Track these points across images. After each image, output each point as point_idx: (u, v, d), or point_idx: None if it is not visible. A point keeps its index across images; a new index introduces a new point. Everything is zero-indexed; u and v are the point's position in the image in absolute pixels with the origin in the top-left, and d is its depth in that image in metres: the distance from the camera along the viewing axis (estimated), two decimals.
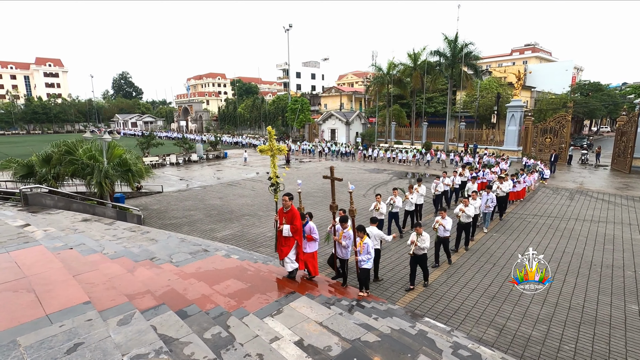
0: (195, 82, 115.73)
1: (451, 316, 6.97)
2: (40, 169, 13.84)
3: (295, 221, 6.92)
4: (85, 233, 9.13)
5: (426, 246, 7.69)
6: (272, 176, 7.85)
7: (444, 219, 8.80)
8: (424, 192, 12.52)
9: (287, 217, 6.94)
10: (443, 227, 8.77)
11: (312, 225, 7.36)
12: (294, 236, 6.94)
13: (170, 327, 4.12)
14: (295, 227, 6.93)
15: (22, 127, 79.64)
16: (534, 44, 73.76)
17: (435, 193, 13.94)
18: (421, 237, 7.67)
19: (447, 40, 33.73)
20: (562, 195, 17.76)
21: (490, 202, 11.82)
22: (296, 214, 6.96)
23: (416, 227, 7.87)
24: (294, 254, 7.11)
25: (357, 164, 30.26)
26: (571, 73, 57.25)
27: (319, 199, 16.86)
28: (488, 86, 40.57)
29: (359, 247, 7.14)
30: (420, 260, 7.89)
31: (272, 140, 7.64)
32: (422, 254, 7.80)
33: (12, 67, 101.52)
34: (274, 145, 7.62)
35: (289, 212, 6.93)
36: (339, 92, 60.15)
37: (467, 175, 16.02)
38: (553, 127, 29.31)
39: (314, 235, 7.31)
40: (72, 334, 3.62)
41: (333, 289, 6.92)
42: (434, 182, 14.07)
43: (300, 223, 7.03)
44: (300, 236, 7.05)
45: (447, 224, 8.80)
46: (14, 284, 4.74)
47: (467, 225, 10.13)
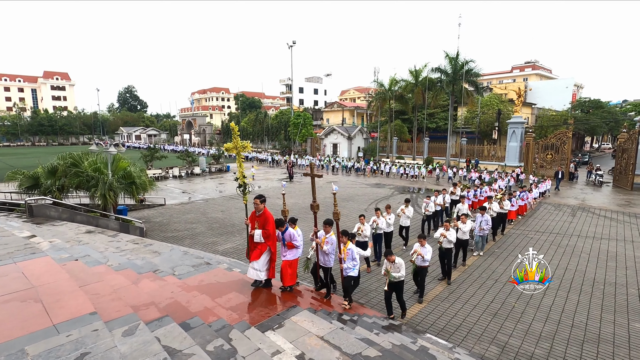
0: (200, 96, 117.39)
1: (453, 332, 6.95)
2: (46, 181, 14.01)
3: (267, 225, 6.39)
4: (89, 245, 9.22)
5: (401, 275, 6.84)
6: (238, 176, 7.34)
7: (423, 247, 7.76)
8: (411, 214, 11.56)
9: (259, 221, 6.46)
10: (421, 257, 7.71)
11: (293, 231, 6.82)
12: (266, 242, 6.41)
13: (174, 339, 4.17)
14: (268, 232, 6.38)
15: (28, 139, 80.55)
16: (534, 61, 74.84)
17: (426, 213, 12.82)
18: (394, 265, 6.81)
19: (448, 57, 34.36)
20: (564, 211, 17.76)
21: (485, 224, 10.89)
22: (269, 218, 6.45)
23: (387, 255, 6.94)
24: (266, 263, 6.56)
25: (359, 178, 30.38)
26: (571, 90, 57.85)
27: (320, 214, 16.92)
28: (489, 102, 41.05)
29: (342, 253, 6.67)
30: (397, 288, 7.00)
31: (236, 138, 7.20)
32: (397, 281, 6.90)
33: (20, 80, 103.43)
34: (238, 142, 7.17)
35: (261, 216, 6.46)
36: (341, 107, 60.84)
37: (459, 194, 15.07)
38: (554, 144, 29.49)
39: (294, 242, 6.76)
40: (79, 344, 3.68)
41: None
42: (424, 202, 12.89)
43: (273, 227, 6.49)
44: (274, 242, 6.54)
45: (426, 254, 7.72)
46: (22, 294, 4.82)
47: (449, 252, 9.02)
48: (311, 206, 7.00)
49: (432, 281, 9.25)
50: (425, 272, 8.10)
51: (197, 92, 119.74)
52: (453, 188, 15.69)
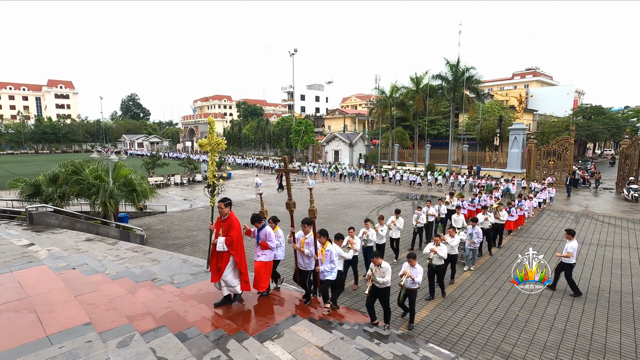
0: (202, 103, 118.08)
1: (456, 342, 6.81)
2: (47, 189, 14.01)
3: (231, 231, 5.74)
4: (88, 253, 9.15)
5: (386, 280, 6.44)
6: (208, 176, 6.71)
7: (413, 268, 6.93)
8: (402, 226, 10.88)
9: (223, 227, 5.82)
10: (411, 279, 6.88)
11: (270, 231, 6.27)
12: (229, 250, 5.77)
13: (169, 350, 4.08)
14: (231, 239, 5.72)
15: (31, 147, 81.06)
16: (535, 68, 75.00)
17: (417, 225, 11.96)
18: (380, 269, 6.43)
19: (449, 64, 34.50)
20: (567, 218, 17.59)
21: (476, 237, 10.17)
22: (233, 223, 5.83)
23: (373, 257, 6.54)
24: (235, 275, 5.92)
25: (360, 184, 30.31)
26: (573, 96, 57.86)
27: (322, 220, 16.82)
28: (490, 109, 41.08)
29: (320, 254, 6.23)
30: (381, 295, 6.58)
31: (212, 133, 6.59)
32: (382, 287, 6.51)
33: (24, 88, 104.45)
34: (213, 138, 6.54)
35: (226, 221, 5.84)
36: (343, 114, 61.05)
37: (455, 204, 14.26)
38: (556, 150, 29.39)
39: (269, 242, 6.18)
40: (72, 356, 3.60)
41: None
42: (415, 213, 11.98)
43: (237, 234, 5.82)
44: (238, 252, 5.87)
45: (416, 275, 6.89)
46: (16, 304, 4.74)
47: (440, 269, 8.31)
48: (287, 204, 6.46)
49: (419, 301, 8.07)
50: (415, 295, 7.24)
51: (200, 99, 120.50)
52: (449, 197, 14.83)
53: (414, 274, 6.89)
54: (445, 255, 8.27)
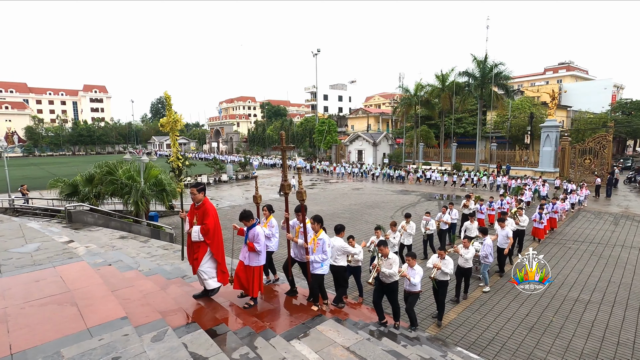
0: (227, 105, 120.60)
1: (485, 347, 6.62)
2: (84, 188, 14.77)
3: (206, 219, 5.29)
4: (122, 250, 9.57)
5: (393, 273, 6.16)
6: (172, 159, 6.14)
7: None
8: (413, 231, 10.07)
9: (198, 215, 5.41)
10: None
11: (259, 231, 5.60)
12: (205, 240, 5.34)
13: (200, 346, 4.20)
14: (206, 228, 5.27)
15: (69, 149, 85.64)
16: (569, 62, 71.65)
17: (427, 232, 10.91)
18: (387, 260, 6.19)
19: (476, 60, 33.51)
20: (605, 219, 16.69)
21: (487, 249, 8.75)
22: (208, 210, 5.36)
23: (380, 245, 6.32)
24: (212, 265, 5.50)
25: (384, 184, 29.98)
26: (611, 91, 54.83)
27: (345, 220, 16.78)
28: (520, 106, 39.60)
29: (311, 243, 5.67)
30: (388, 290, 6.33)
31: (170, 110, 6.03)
32: (389, 282, 6.27)
33: (62, 93, 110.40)
34: (171, 115, 5.98)
35: (200, 208, 5.41)
36: (366, 114, 60.61)
37: (472, 207, 13.10)
38: (592, 148, 27.95)
39: (256, 244, 5.52)
40: (110, 348, 3.78)
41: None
42: (424, 219, 10.96)
43: (212, 222, 5.32)
44: (215, 240, 5.41)
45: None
46: (59, 298, 5.03)
47: (442, 285, 7.13)
48: (282, 186, 6.04)
49: (426, 318, 7.57)
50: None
51: (225, 101, 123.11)
52: (466, 200, 13.30)
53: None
54: (451, 271, 7.04)
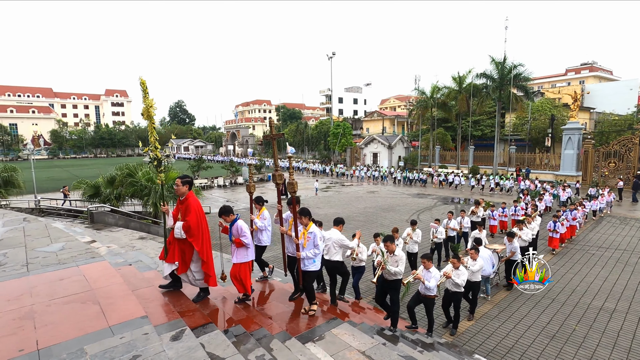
0: (243, 108, 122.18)
1: (504, 355, 6.47)
2: (105, 190, 15.24)
3: (188, 215, 4.93)
4: (141, 250, 9.79)
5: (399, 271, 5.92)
6: (151, 148, 5.66)
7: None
8: (419, 239, 9.63)
9: (182, 210, 5.07)
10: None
11: (242, 224, 5.43)
12: (187, 238, 4.99)
13: (217, 346, 4.25)
14: (187, 225, 4.90)
15: (91, 152, 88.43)
16: (592, 62, 69.51)
17: (435, 240, 10.46)
18: (394, 256, 5.98)
19: (494, 62, 32.89)
20: (631, 225, 16.07)
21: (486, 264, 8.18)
22: (191, 205, 5.00)
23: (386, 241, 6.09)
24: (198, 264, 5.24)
25: (399, 187, 29.71)
26: (636, 92, 52.81)
27: (360, 223, 16.71)
28: (540, 108, 38.62)
29: (301, 237, 5.36)
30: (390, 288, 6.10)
31: (146, 96, 5.55)
32: (392, 279, 5.99)
33: (85, 98, 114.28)
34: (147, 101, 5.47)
35: (184, 203, 5.06)
36: (381, 116, 60.32)
37: (481, 214, 12.67)
38: (617, 151, 27.00)
39: (243, 238, 5.36)
40: (131, 346, 3.87)
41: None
42: (432, 226, 10.54)
43: (194, 218, 4.95)
44: (198, 238, 5.07)
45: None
46: (82, 296, 5.19)
47: (456, 296, 6.83)
48: (272, 176, 5.90)
49: (438, 327, 7.24)
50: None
51: (241, 104, 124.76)
52: (474, 207, 12.88)
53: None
54: (463, 282, 6.65)
